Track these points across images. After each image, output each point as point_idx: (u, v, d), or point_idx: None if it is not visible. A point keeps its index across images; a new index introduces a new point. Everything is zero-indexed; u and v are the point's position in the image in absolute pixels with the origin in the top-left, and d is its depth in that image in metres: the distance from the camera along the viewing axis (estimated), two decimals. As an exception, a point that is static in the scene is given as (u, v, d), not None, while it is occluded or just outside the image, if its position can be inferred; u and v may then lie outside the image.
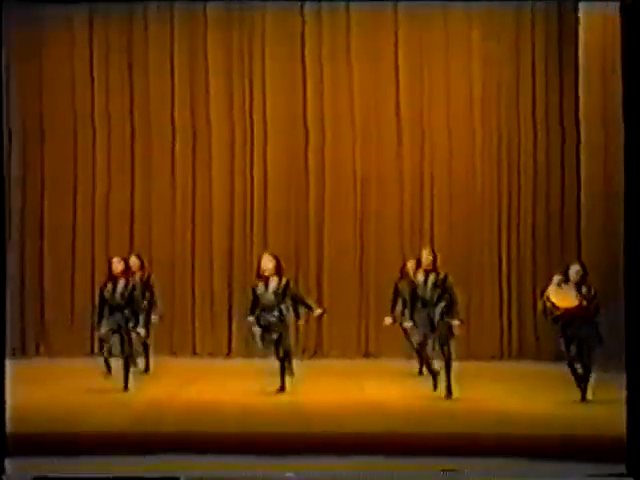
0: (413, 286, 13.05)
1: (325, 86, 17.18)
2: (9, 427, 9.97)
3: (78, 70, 17.24)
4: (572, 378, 12.27)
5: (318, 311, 13.63)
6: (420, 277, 12.95)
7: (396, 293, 14.57)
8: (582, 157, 16.23)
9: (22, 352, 16.78)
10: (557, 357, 13.49)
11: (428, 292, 12.81)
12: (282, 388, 12.90)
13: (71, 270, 17.07)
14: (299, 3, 17.07)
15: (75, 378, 13.94)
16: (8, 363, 11.90)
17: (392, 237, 16.82)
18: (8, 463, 9.77)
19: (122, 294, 13.51)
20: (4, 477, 9.70)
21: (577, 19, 16.09)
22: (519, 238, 17.04)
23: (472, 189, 17.03)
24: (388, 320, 14.36)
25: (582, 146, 16.21)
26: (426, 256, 12.95)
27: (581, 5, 15.93)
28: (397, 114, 17.10)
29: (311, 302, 13.64)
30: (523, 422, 11.19)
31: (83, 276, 16.86)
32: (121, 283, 13.56)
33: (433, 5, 16.84)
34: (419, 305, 12.88)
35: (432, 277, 12.85)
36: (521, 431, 10.74)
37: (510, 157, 17.08)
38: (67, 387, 13.48)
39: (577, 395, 12.16)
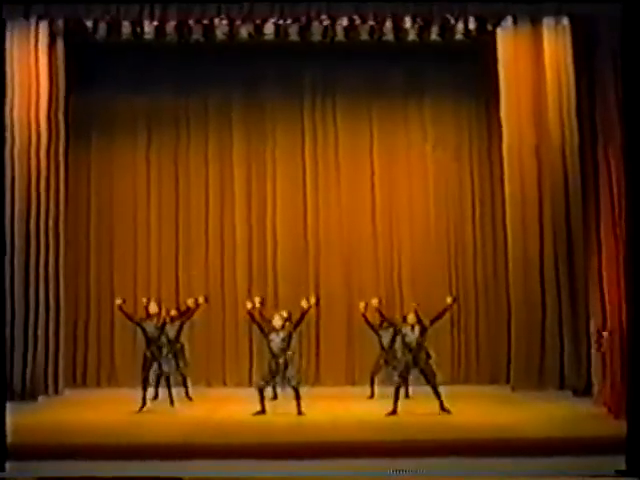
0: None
1: (319, 178, 17.42)
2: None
3: (139, 161, 17.37)
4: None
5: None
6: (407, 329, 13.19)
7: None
8: (508, 231, 16.13)
9: (83, 383, 16.55)
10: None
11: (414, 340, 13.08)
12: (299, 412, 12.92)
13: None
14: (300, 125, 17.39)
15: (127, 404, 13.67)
16: (69, 392, 11.84)
17: (370, 293, 15.95)
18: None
19: (156, 332, 13.63)
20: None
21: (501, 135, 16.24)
22: (465, 283, 17.08)
23: (429, 256, 17.19)
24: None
25: (507, 222, 16.12)
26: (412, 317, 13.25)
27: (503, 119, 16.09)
28: (372, 202, 17.32)
29: None
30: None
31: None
32: (154, 322, 13.70)
33: (399, 121, 17.41)
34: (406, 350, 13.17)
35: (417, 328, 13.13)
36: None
37: (456, 229, 17.25)
38: (116, 410, 13.38)
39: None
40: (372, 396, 14.88)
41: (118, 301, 14.03)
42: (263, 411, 13.00)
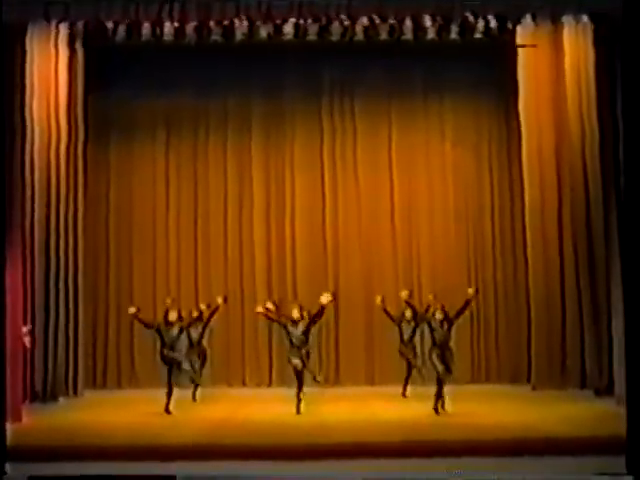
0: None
1: (338, 177, 17.42)
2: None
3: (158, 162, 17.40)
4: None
5: None
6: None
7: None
8: (527, 229, 16.18)
9: (104, 384, 16.64)
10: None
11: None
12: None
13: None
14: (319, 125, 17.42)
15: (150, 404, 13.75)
16: (89, 393, 11.90)
17: (391, 290, 16.17)
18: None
19: (177, 336, 13.60)
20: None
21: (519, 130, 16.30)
22: (484, 283, 17.01)
23: (448, 255, 17.19)
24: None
25: (527, 220, 16.15)
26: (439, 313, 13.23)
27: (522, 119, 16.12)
28: (391, 200, 17.34)
29: None
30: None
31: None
32: (175, 328, 13.66)
33: (418, 120, 17.41)
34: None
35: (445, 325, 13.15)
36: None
37: (475, 227, 17.27)
38: (136, 411, 13.51)
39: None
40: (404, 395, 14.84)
41: (132, 310, 13.94)
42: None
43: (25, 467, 10.22)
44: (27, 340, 13.04)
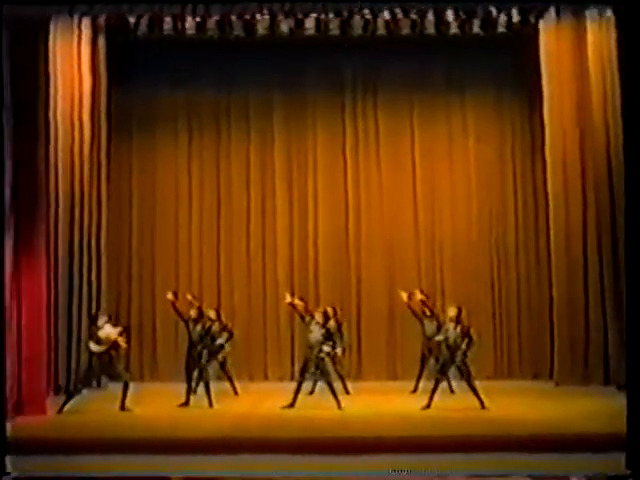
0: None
1: (360, 172, 17.34)
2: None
3: (180, 156, 17.39)
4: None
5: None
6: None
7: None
8: (550, 225, 16.16)
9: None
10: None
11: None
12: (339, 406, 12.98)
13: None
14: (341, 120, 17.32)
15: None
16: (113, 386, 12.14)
17: (413, 286, 15.80)
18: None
19: (199, 334, 13.71)
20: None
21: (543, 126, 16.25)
22: (507, 278, 16.95)
23: (471, 250, 17.09)
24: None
25: (550, 216, 16.15)
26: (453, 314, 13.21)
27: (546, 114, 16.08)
28: (414, 196, 17.28)
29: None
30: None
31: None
32: (199, 326, 13.77)
33: (440, 115, 17.32)
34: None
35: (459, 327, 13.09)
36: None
37: (498, 223, 17.15)
38: (158, 404, 13.58)
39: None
40: (415, 390, 14.76)
41: (170, 296, 13.95)
42: (293, 404, 13.11)
43: (47, 459, 10.28)
44: (122, 340, 13.25)
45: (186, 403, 13.54)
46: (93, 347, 13.28)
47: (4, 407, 10.71)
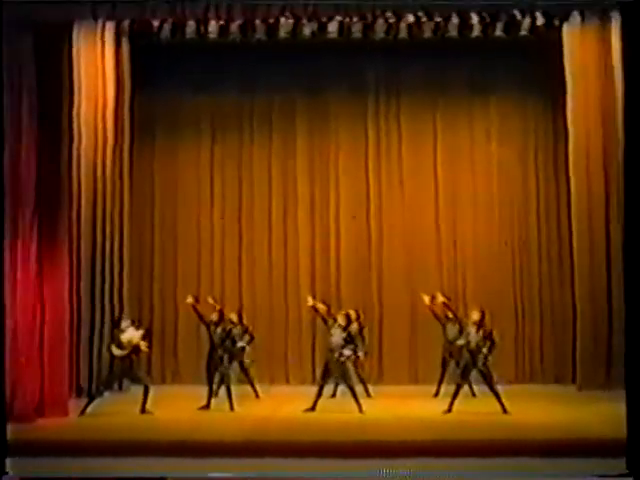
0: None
1: (382, 176, 17.38)
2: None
3: (203, 159, 17.47)
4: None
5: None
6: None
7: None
8: (573, 229, 16.09)
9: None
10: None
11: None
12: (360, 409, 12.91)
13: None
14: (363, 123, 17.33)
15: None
16: (134, 388, 12.21)
17: (435, 289, 15.56)
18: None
19: (220, 337, 13.69)
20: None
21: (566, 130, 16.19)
22: (529, 281, 16.97)
23: (493, 254, 17.08)
24: None
25: (573, 221, 16.08)
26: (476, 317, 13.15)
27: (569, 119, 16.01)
28: (436, 200, 17.29)
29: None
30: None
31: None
32: (220, 329, 13.75)
33: (463, 119, 17.32)
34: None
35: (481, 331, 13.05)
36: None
37: (520, 227, 17.14)
38: (180, 407, 13.61)
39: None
40: (437, 394, 14.68)
41: (189, 300, 13.96)
42: (314, 408, 13.08)
43: (68, 461, 10.31)
44: (143, 345, 13.34)
45: (207, 406, 13.53)
46: (115, 351, 13.34)
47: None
